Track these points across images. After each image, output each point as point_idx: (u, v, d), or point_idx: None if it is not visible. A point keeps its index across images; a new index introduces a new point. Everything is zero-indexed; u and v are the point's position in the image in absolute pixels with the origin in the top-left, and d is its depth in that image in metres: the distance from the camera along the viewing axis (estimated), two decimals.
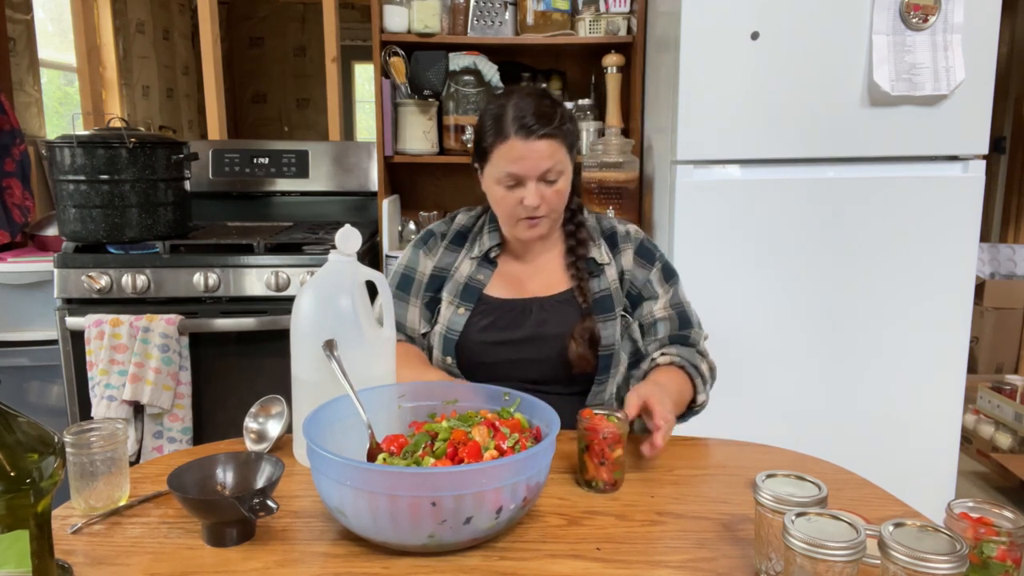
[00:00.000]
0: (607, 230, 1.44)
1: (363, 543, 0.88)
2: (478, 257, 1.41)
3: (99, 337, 2.05)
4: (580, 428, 1.05)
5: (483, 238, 1.42)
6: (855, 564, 0.69)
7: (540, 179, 1.28)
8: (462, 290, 1.38)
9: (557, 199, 1.31)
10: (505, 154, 1.27)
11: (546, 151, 1.27)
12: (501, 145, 1.27)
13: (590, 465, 1.04)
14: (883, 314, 2.02)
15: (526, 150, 1.26)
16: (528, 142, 1.25)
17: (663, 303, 1.39)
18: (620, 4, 2.40)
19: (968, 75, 1.91)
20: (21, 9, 2.92)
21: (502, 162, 1.28)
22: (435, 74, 2.41)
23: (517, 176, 1.28)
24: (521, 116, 1.26)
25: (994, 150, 4.51)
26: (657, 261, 1.41)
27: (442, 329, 1.37)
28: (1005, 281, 3.84)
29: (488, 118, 1.30)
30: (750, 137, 1.96)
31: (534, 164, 1.26)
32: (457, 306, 1.37)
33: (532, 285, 1.39)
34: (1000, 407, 3.02)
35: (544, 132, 1.26)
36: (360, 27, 5.73)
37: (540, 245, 1.40)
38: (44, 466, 0.67)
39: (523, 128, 1.26)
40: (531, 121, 1.26)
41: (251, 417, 1.16)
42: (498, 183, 1.30)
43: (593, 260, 1.39)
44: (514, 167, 1.27)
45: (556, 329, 1.33)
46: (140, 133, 2.19)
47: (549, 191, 1.29)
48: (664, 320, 1.37)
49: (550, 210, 1.31)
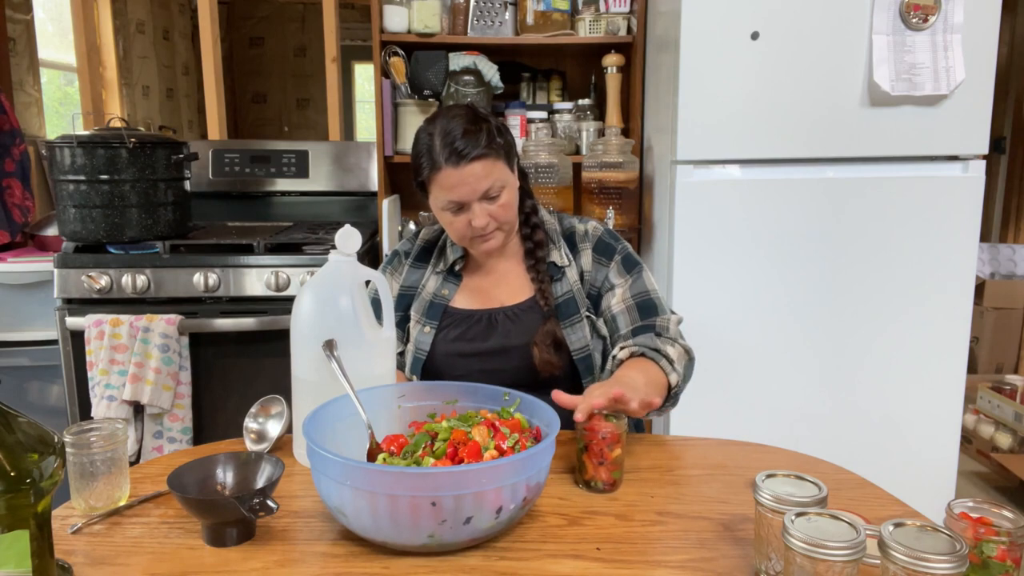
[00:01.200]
0: (567, 230, 1.43)
1: (363, 543, 0.88)
2: (443, 271, 1.41)
3: (99, 337, 2.05)
4: (578, 428, 1.05)
5: (447, 252, 1.42)
6: (855, 564, 0.69)
7: (482, 199, 1.27)
8: (427, 308, 1.38)
9: (504, 212, 1.30)
10: (442, 183, 1.26)
11: (481, 172, 1.25)
12: (436, 175, 1.26)
13: (589, 465, 1.04)
14: (883, 314, 2.02)
15: (460, 176, 1.25)
16: (460, 168, 1.24)
17: (620, 295, 1.36)
18: (620, 4, 2.40)
19: (968, 75, 1.91)
20: (21, 9, 2.92)
21: (441, 192, 1.28)
22: (435, 74, 2.41)
23: (458, 203, 1.28)
24: (450, 143, 1.24)
25: (994, 150, 4.51)
26: (616, 255, 1.39)
27: (412, 348, 1.37)
28: (1005, 281, 3.84)
29: (420, 149, 1.29)
30: (750, 137, 1.96)
31: (472, 188, 1.26)
32: (423, 324, 1.37)
33: (498, 294, 1.39)
34: (1000, 407, 3.02)
35: (475, 154, 1.24)
36: (360, 27, 5.74)
37: (499, 254, 1.40)
38: (44, 466, 0.67)
39: (453, 155, 1.24)
40: (460, 146, 1.24)
41: (251, 417, 1.16)
42: (443, 210, 1.30)
43: (554, 264, 1.38)
44: (453, 195, 1.26)
45: (521, 338, 1.33)
46: (140, 133, 2.19)
47: (494, 207, 1.29)
48: (622, 313, 1.34)
49: (500, 223, 1.31)
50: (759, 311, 2.01)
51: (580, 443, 1.05)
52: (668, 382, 1.22)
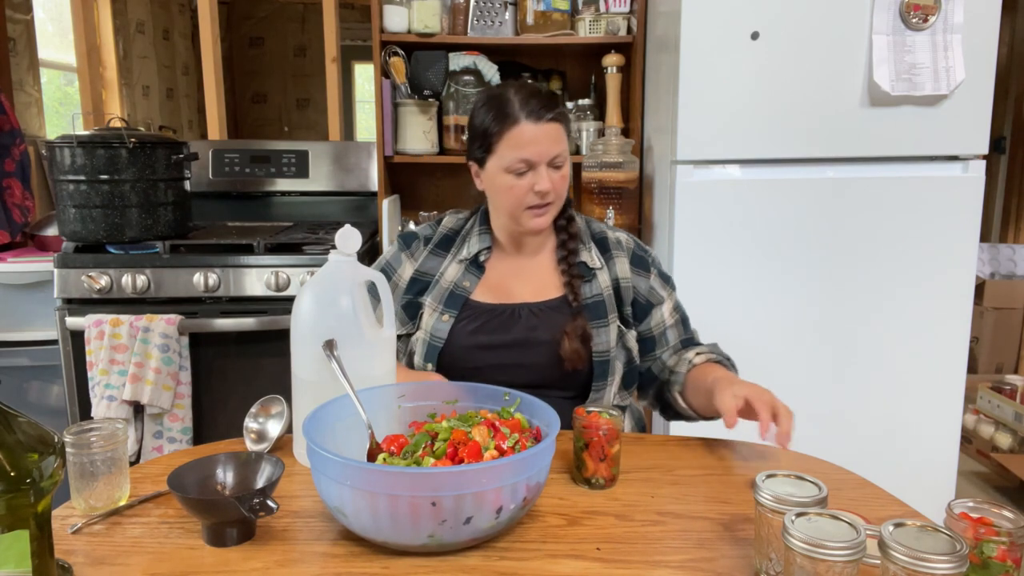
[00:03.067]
0: (596, 234, 1.42)
1: (363, 543, 0.88)
2: (466, 260, 1.38)
3: (99, 337, 2.05)
4: (577, 426, 1.05)
5: (471, 241, 1.40)
6: (855, 564, 0.69)
7: (549, 164, 1.27)
8: (447, 297, 1.35)
9: (563, 185, 1.30)
10: (515, 139, 1.26)
11: (556, 135, 1.27)
12: (511, 130, 1.26)
13: (589, 462, 1.04)
14: (883, 314, 2.02)
15: (538, 133, 1.25)
16: (539, 125, 1.25)
17: (668, 310, 1.38)
18: (620, 4, 2.40)
19: (968, 75, 1.91)
20: (21, 9, 2.92)
21: (512, 149, 1.26)
22: (435, 74, 2.41)
23: (529, 161, 1.26)
24: (527, 101, 1.26)
25: (994, 150, 4.51)
26: (652, 267, 1.40)
27: (425, 336, 1.34)
28: (1005, 281, 3.84)
29: (489, 108, 1.29)
30: (750, 137, 1.96)
31: (546, 148, 1.26)
32: (441, 313, 1.34)
33: (521, 290, 1.37)
34: (1000, 407, 3.02)
35: (552, 116, 1.26)
36: (360, 27, 5.74)
37: (534, 242, 1.39)
38: (44, 466, 0.67)
39: (533, 112, 1.25)
40: (538, 105, 1.26)
41: (251, 417, 1.16)
42: (507, 171, 1.28)
43: (584, 264, 1.37)
44: (526, 152, 1.25)
45: (546, 334, 1.31)
46: (140, 133, 2.19)
47: (557, 176, 1.28)
48: (673, 327, 1.38)
49: (557, 197, 1.30)
50: (759, 311, 2.01)
51: (579, 441, 1.05)
52: None
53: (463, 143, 2.44)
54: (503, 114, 1.26)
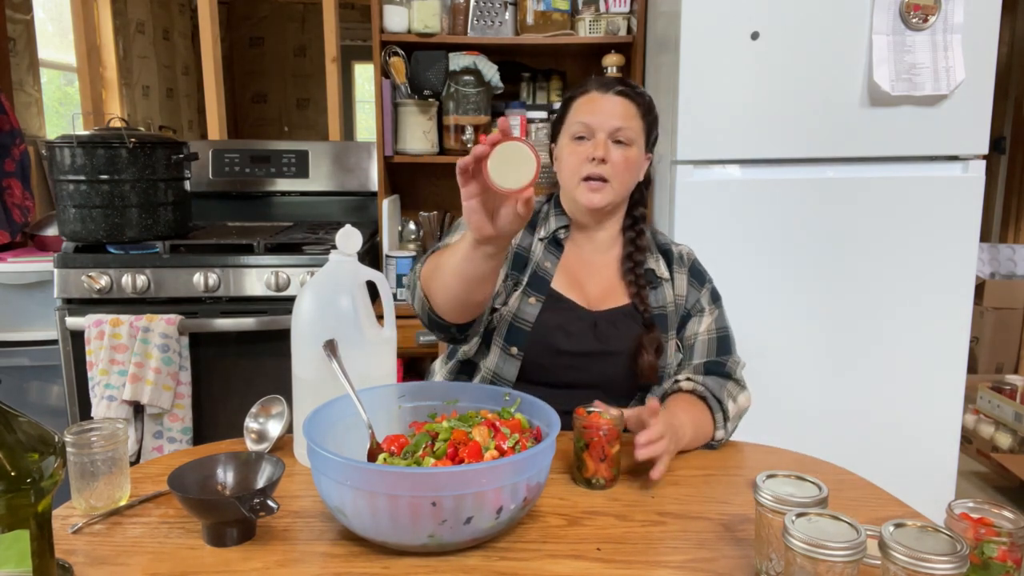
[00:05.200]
0: (662, 245, 1.40)
1: (363, 543, 0.88)
2: (546, 239, 1.36)
3: (99, 337, 2.05)
4: (577, 426, 1.05)
5: (550, 221, 1.38)
6: (855, 564, 0.69)
7: (610, 137, 1.29)
8: (531, 277, 1.32)
9: (624, 166, 1.29)
10: (581, 105, 1.32)
11: (620, 108, 1.30)
12: (579, 99, 1.33)
13: (590, 463, 1.04)
14: (883, 314, 2.02)
15: (601, 102, 1.30)
16: (604, 95, 1.31)
17: (708, 323, 1.34)
18: (620, 4, 2.40)
19: (968, 75, 1.91)
20: (21, 9, 2.92)
21: (576, 115, 1.31)
22: (435, 74, 2.41)
23: (588, 126, 1.29)
24: (605, 78, 1.36)
25: (994, 150, 4.51)
26: (708, 283, 1.39)
27: (509, 315, 1.30)
28: (1005, 281, 3.84)
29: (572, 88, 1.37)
30: (750, 137, 1.96)
31: (606, 117, 1.29)
32: (529, 295, 1.31)
33: (592, 289, 1.34)
34: (1000, 407, 3.02)
35: (622, 90, 1.31)
36: (360, 27, 5.73)
37: (602, 237, 1.37)
38: (44, 466, 0.67)
39: (603, 84, 1.32)
40: (611, 80, 1.33)
41: (251, 417, 1.16)
42: (571, 138, 1.31)
43: (652, 271, 1.35)
44: (586, 116, 1.30)
45: (620, 344, 1.29)
46: (140, 133, 2.19)
47: (616, 154, 1.28)
48: (704, 343, 1.33)
49: (614, 174, 1.28)
50: (758, 311, 2.01)
51: (580, 442, 1.05)
52: (712, 435, 1.21)
53: (463, 143, 2.44)
54: (579, 87, 1.35)
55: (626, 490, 1.04)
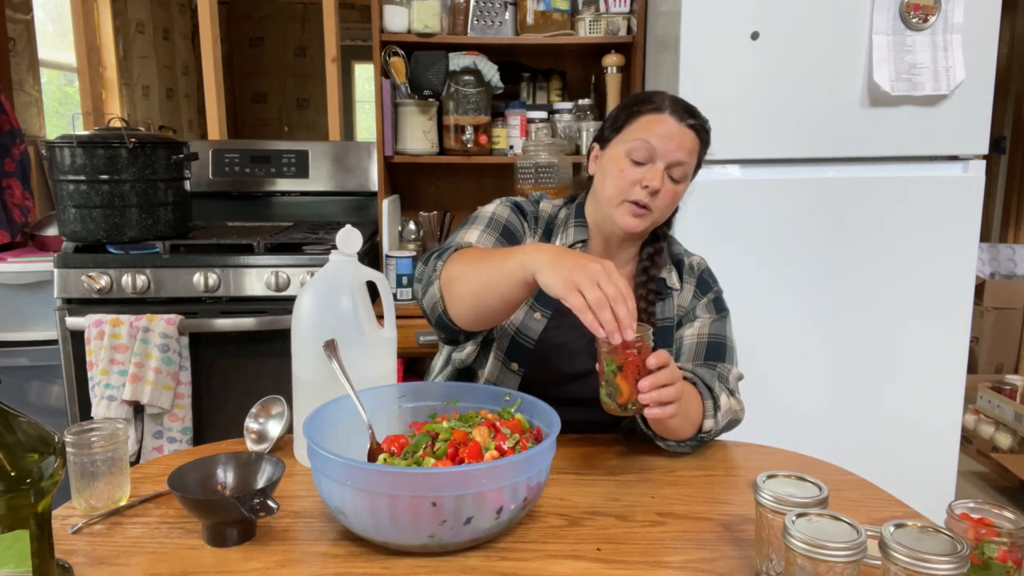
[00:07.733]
0: (675, 255, 1.37)
1: (363, 543, 0.88)
2: None
3: (99, 337, 2.05)
4: (606, 349, 0.96)
5: (568, 232, 1.32)
6: (856, 565, 0.69)
7: (667, 168, 1.22)
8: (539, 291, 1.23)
9: (670, 200, 1.24)
10: (651, 125, 1.22)
11: (689, 143, 1.23)
12: (652, 115, 1.23)
13: (624, 386, 0.97)
14: (883, 314, 2.02)
15: (673, 129, 1.22)
16: (679, 124, 1.22)
17: (697, 328, 1.30)
18: (620, 4, 2.40)
19: (968, 75, 1.91)
20: (21, 9, 2.92)
21: (641, 132, 1.22)
22: (435, 74, 2.41)
23: (652, 150, 1.21)
24: (677, 102, 1.25)
25: (994, 150, 4.52)
26: (712, 293, 1.34)
27: (512, 329, 1.26)
28: (1005, 281, 3.84)
29: (640, 96, 1.28)
30: (750, 137, 1.96)
31: (674, 147, 1.21)
32: (534, 309, 1.26)
33: None
34: (1000, 407, 3.02)
35: (697, 124, 1.25)
36: (360, 27, 5.74)
37: (622, 252, 1.32)
38: (44, 466, 0.67)
39: (680, 110, 1.24)
40: (684, 108, 1.24)
41: (251, 417, 1.16)
42: (627, 154, 1.22)
43: (663, 281, 1.31)
44: (655, 139, 1.21)
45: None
46: (140, 133, 2.19)
47: (669, 185, 1.22)
48: (691, 346, 1.28)
49: (659, 208, 1.23)
50: (758, 311, 2.01)
51: (611, 364, 0.97)
52: (701, 425, 1.15)
53: (463, 143, 2.44)
54: (651, 101, 1.25)
55: (626, 490, 1.04)
